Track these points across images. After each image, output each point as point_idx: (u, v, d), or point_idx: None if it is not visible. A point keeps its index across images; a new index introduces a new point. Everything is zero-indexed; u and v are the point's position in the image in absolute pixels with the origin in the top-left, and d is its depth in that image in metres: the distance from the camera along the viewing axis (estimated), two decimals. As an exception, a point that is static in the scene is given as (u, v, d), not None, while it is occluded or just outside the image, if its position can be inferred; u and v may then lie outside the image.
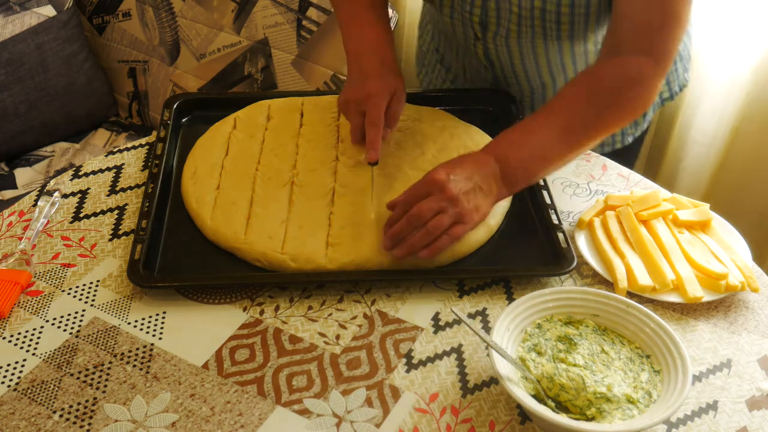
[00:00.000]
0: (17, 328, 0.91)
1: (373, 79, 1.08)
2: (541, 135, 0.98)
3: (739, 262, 0.98)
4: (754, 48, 1.58)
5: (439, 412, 0.83)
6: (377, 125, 1.04)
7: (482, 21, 1.13)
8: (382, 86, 1.07)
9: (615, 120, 1.01)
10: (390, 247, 0.95)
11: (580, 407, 0.80)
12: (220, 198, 1.05)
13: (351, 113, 1.08)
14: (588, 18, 1.05)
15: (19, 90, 1.74)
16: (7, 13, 1.72)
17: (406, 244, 0.93)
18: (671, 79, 1.30)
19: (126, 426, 0.81)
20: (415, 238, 0.93)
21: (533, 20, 1.08)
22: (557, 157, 0.99)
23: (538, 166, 0.99)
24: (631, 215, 1.03)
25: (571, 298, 0.89)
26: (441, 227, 0.92)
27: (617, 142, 1.31)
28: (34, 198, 1.09)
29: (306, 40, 1.69)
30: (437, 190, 0.93)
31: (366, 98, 1.06)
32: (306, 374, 0.87)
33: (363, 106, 1.06)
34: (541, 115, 1.00)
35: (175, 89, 1.86)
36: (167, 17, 1.82)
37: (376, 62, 1.10)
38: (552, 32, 1.08)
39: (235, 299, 0.95)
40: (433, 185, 0.93)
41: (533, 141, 0.98)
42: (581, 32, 1.08)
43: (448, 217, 0.92)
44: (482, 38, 1.17)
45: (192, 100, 1.25)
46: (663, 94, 1.31)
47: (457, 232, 0.93)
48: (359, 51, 1.12)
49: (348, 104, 1.08)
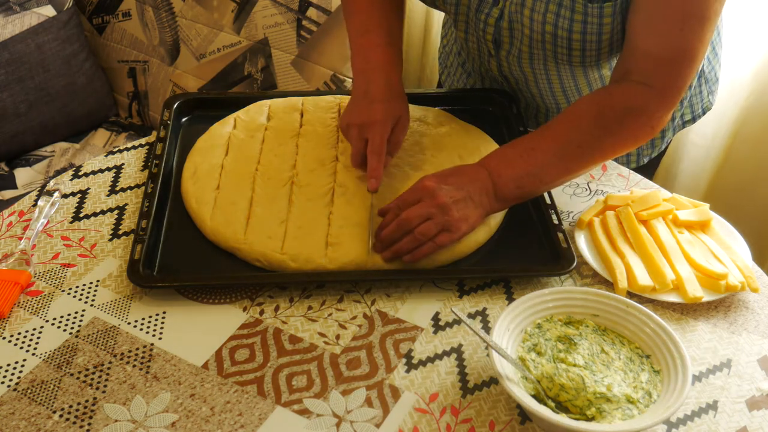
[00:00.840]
0: (17, 328, 0.91)
1: (378, 104, 1.05)
2: (537, 155, 0.98)
3: (739, 262, 0.98)
4: (755, 51, 1.58)
5: (439, 412, 0.83)
6: (380, 154, 1.02)
7: (495, 39, 1.11)
8: (387, 113, 1.05)
9: (614, 147, 1.00)
10: (380, 250, 0.97)
11: (580, 407, 0.80)
12: (220, 198, 1.05)
13: (353, 138, 1.06)
14: (600, 45, 1.02)
15: (19, 90, 1.74)
16: (7, 13, 1.72)
17: (393, 249, 0.96)
18: (694, 102, 1.25)
19: (126, 426, 0.81)
20: (401, 243, 0.95)
21: (545, 44, 1.05)
22: (551, 179, 1.00)
23: (532, 185, 0.99)
24: (631, 215, 1.03)
25: (571, 298, 0.89)
26: (428, 234, 0.94)
27: (632, 162, 1.28)
28: (34, 198, 1.09)
29: (306, 40, 1.69)
30: (428, 196, 0.95)
31: (370, 125, 1.03)
32: (306, 374, 0.87)
33: (366, 132, 1.04)
34: (540, 134, 1.00)
35: (175, 89, 1.86)
36: (167, 17, 1.82)
37: (382, 84, 1.07)
38: (564, 57, 1.06)
39: (235, 299, 0.95)
40: (424, 192, 0.95)
41: (529, 160, 0.98)
42: (594, 59, 1.05)
43: (435, 225, 0.94)
44: (496, 56, 1.15)
45: (192, 100, 1.25)
46: (685, 116, 1.26)
47: (443, 241, 0.95)
48: (365, 69, 1.09)
49: (350, 128, 1.06)
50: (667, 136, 1.28)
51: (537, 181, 0.98)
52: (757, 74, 1.59)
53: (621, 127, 0.98)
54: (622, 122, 0.97)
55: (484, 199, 0.97)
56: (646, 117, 0.98)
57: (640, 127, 0.98)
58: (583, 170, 1.01)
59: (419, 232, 0.94)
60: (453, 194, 0.95)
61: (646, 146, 1.27)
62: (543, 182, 0.99)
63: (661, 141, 1.28)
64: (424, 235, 0.94)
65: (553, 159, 0.98)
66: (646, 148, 1.28)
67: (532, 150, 0.98)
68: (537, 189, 1.00)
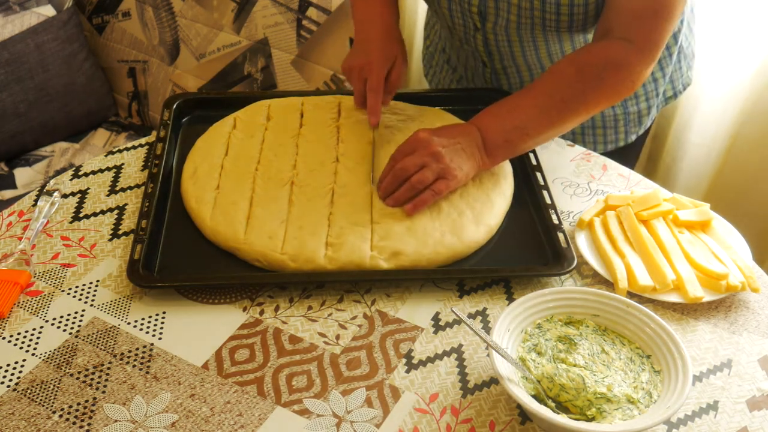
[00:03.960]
0: (17, 328, 0.91)
1: (375, 47, 1.14)
2: (522, 110, 1.04)
3: (740, 262, 0.98)
4: (755, 53, 1.58)
5: (439, 413, 0.83)
6: (377, 92, 1.12)
7: (481, 11, 1.14)
8: (384, 54, 1.13)
9: (596, 101, 1.04)
10: (383, 198, 1.03)
11: (580, 407, 0.80)
12: (219, 198, 1.05)
13: (354, 79, 1.15)
14: (587, 8, 1.06)
15: (19, 90, 1.74)
16: (7, 13, 1.72)
17: (393, 197, 1.02)
18: (675, 78, 1.30)
19: (126, 426, 0.81)
20: (399, 192, 1.01)
21: (533, 11, 1.09)
22: (537, 132, 1.04)
23: (518, 138, 1.04)
24: (632, 215, 1.03)
25: (571, 298, 0.89)
26: (424, 181, 1.00)
27: (620, 140, 1.31)
28: (34, 198, 1.09)
29: (306, 40, 1.69)
30: (421, 147, 1.01)
31: (367, 65, 1.12)
32: (306, 374, 0.87)
33: (365, 73, 1.13)
34: (525, 92, 1.06)
35: (175, 89, 1.86)
36: (167, 17, 1.82)
37: (380, 29, 1.16)
38: (552, 23, 1.10)
39: (235, 299, 0.95)
40: (418, 143, 1.02)
41: (515, 115, 1.04)
42: (580, 24, 1.09)
43: (431, 172, 1.00)
44: (482, 28, 1.18)
45: (192, 100, 1.25)
46: (667, 92, 1.31)
47: (440, 188, 1.00)
48: (364, 19, 1.19)
49: (351, 71, 1.15)
50: (651, 113, 1.31)
51: (523, 134, 1.03)
52: (757, 74, 1.59)
53: (601, 81, 1.02)
54: (602, 76, 1.02)
55: (475, 151, 1.03)
56: (626, 71, 1.02)
57: (620, 81, 1.03)
58: (567, 123, 1.05)
59: (416, 179, 1.00)
60: (445, 144, 1.01)
61: (633, 123, 1.30)
62: (529, 135, 1.04)
63: (647, 118, 1.31)
64: (421, 182, 1.00)
65: (537, 113, 1.03)
66: (633, 126, 1.31)
67: (518, 106, 1.04)
68: (524, 142, 1.05)
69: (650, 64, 1.03)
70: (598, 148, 1.31)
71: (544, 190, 1.08)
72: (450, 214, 1.02)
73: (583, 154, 1.19)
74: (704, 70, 1.65)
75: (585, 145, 1.30)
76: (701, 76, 1.66)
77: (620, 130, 1.30)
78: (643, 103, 1.28)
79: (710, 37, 1.61)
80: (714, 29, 1.60)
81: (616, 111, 1.27)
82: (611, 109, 1.26)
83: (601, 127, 1.29)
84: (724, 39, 1.60)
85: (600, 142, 1.30)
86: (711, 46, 1.62)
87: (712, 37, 1.61)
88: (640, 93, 1.26)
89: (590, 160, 1.18)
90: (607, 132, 1.29)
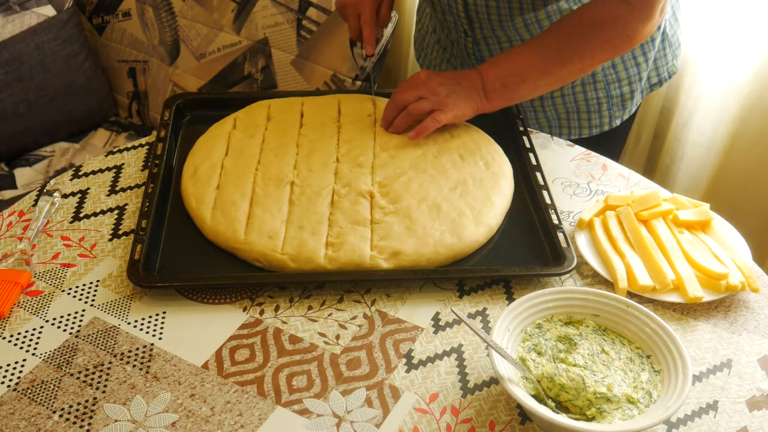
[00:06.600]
0: (17, 328, 0.91)
1: None
2: (521, 58, 1.12)
3: (740, 262, 0.98)
4: (755, 51, 1.58)
5: (439, 412, 0.83)
6: (371, 24, 1.25)
7: None
8: None
9: (592, 53, 1.09)
10: (385, 127, 1.15)
11: (580, 407, 0.80)
12: (219, 198, 1.05)
13: (349, 15, 1.29)
14: None
15: (19, 90, 1.74)
16: (7, 13, 1.72)
17: (394, 124, 1.13)
18: (660, 65, 1.32)
19: (126, 426, 0.81)
20: (398, 119, 1.13)
21: None
22: (533, 78, 1.11)
23: (515, 84, 1.11)
24: (631, 215, 1.03)
25: (571, 298, 0.89)
26: (421, 110, 1.10)
27: (604, 124, 1.33)
28: (34, 198, 1.09)
29: (306, 40, 1.69)
30: (421, 83, 1.12)
31: (361, 1, 1.26)
32: (306, 374, 0.87)
33: (358, 8, 1.26)
34: (526, 42, 1.13)
35: (175, 89, 1.86)
36: (167, 17, 1.82)
37: None
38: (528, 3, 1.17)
39: (235, 299, 0.95)
40: (418, 79, 1.12)
41: (514, 62, 1.12)
42: None
43: (428, 102, 1.10)
44: None
45: (192, 100, 1.25)
46: (651, 79, 1.33)
47: (439, 117, 1.10)
48: None
49: (345, 7, 1.30)
50: (635, 98, 1.33)
51: (519, 80, 1.11)
52: (756, 74, 1.59)
53: (597, 34, 1.08)
54: (597, 29, 1.08)
55: (473, 93, 1.11)
56: (621, 25, 1.07)
57: (616, 35, 1.08)
58: (563, 72, 1.11)
59: (412, 107, 1.11)
60: (443, 82, 1.11)
61: (617, 108, 1.32)
62: (525, 81, 1.11)
63: (630, 102, 1.33)
64: (417, 109, 1.10)
65: (534, 60, 1.10)
66: (617, 110, 1.32)
67: (518, 54, 1.12)
68: (520, 88, 1.12)
69: (646, 21, 1.07)
70: (583, 133, 1.33)
71: (544, 190, 1.08)
72: (450, 214, 1.02)
73: (583, 154, 1.19)
74: (704, 69, 1.65)
75: (570, 130, 1.33)
76: (701, 75, 1.66)
77: (604, 114, 1.32)
78: (626, 87, 1.29)
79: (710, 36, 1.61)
80: (713, 29, 1.60)
81: (598, 94, 1.29)
82: (594, 92, 1.29)
83: (585, 111, 1.31)
84: (723, 38, 1.60)
85: (585, 126, 1.33)
86: (710, 46, 1.62)
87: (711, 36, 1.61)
88: (623, 77, 1.28)
89: (590, 160, 1.19)
90: (591, 116, 1.31)
